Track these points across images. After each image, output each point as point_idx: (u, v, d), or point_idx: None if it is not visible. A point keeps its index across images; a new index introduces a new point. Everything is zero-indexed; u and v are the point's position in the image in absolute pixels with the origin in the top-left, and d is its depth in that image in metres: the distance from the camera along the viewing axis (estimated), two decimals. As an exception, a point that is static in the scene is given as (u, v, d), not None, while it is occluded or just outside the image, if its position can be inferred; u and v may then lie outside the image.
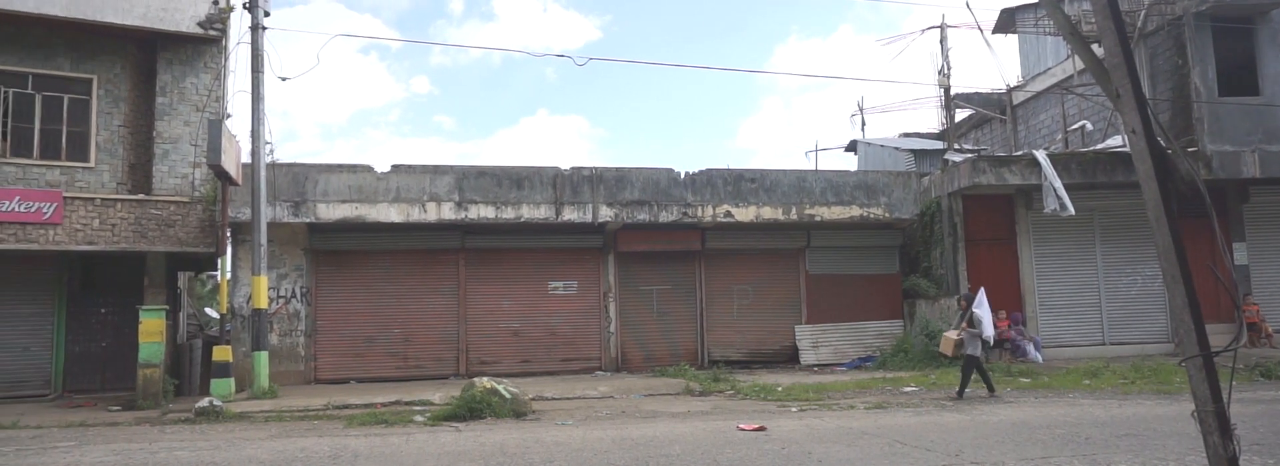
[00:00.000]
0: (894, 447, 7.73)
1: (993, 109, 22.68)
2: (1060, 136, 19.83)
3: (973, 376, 11.60)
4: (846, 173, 18.07)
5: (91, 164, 14.06)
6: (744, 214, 16.35)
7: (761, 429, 8.92)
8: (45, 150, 13.90)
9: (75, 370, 14.38)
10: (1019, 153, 17.42)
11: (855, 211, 16.78)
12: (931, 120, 39.83)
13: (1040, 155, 15.90)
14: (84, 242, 13.17)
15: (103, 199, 13.45)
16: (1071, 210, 15.33)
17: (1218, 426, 3.78)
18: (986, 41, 20.24)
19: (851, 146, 26.76)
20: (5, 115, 13.67)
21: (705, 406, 11.41)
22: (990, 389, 11.76)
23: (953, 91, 21.12)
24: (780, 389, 12.80)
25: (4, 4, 13.04)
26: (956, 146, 20.44)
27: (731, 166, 16.96)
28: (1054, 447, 7.54)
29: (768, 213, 16.43)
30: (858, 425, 9.22)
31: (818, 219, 16.65)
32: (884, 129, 56.86)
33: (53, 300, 14.39)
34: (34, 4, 13.24)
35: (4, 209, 12.71)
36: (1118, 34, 4.06)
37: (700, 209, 16.17)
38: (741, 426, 9.11)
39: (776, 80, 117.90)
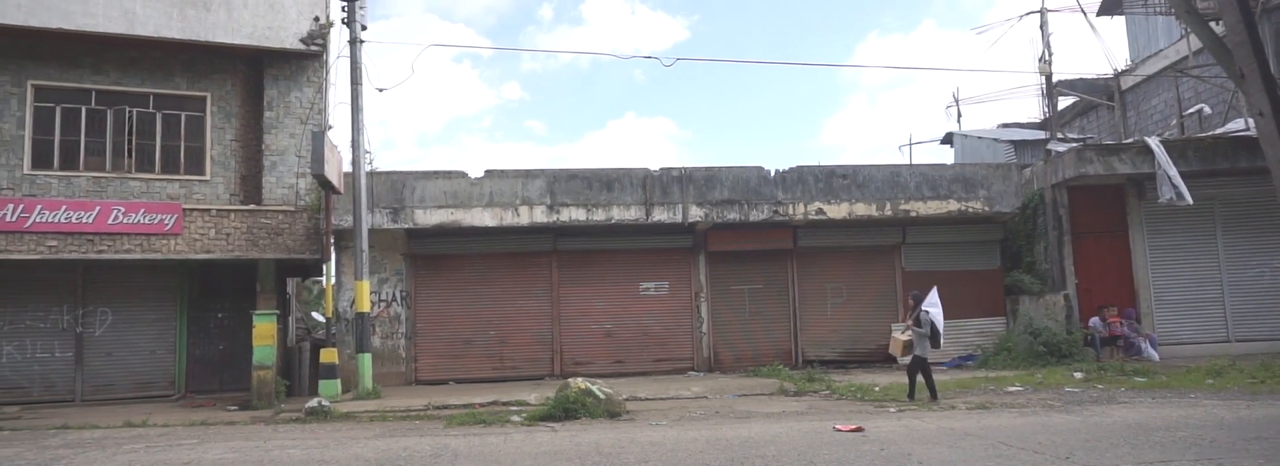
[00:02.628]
0: (999, 449, 7.45)
1: (1098, 95, 21.63)
2: (1174, 121, 18.78)
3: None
4: (942, 166, 17.52)
5: (207, 177, 14.87)
6: (836, 211, 16.05)
7: (859, 429, 8.74)
8: (165, 165, 14.77)
9: (196, 371, 15.21)
10: (1129, 140, 16.58)
11: (952, 206, 16.27)
12: (1032, 109, 38.22)
13: (1152, 142, 15.09)
14: (202, 251, 13.93)
15: (218, 210, 14.20)
16: (1189, 199, 14.50)
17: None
18: (1091, 24, 19.29)
19: (947, 139, 25.93)
20: (130, 133, 14.59)
21: (800, 406, 11.26)
22: (933, 394, 11.29)
23: (1054, 79, 20.21)
24: (877, 389, 12.52)
25: (127, 29, 13.94)
26: (1060, 136, 19.54)
27: (822, 163, 16.68)
28: (1175, 451, 7.12)
29: (861, 209, 16.09)
30: (960, 426, 8.93)
31: (913, 214, 16.21)
32: (980, 120, 55.01)
33: (175, 306, 15.26)
34: (153, 27, 14.10)
35: (131, 221, 13.56)
36: (1240, 10, 3.81)
37: (791, 207, 15.96)
38: (838, 427, 8.94)
39: (860, 78, 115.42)
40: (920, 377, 11.42)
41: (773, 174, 16.12)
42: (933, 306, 11.42)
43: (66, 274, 14.61)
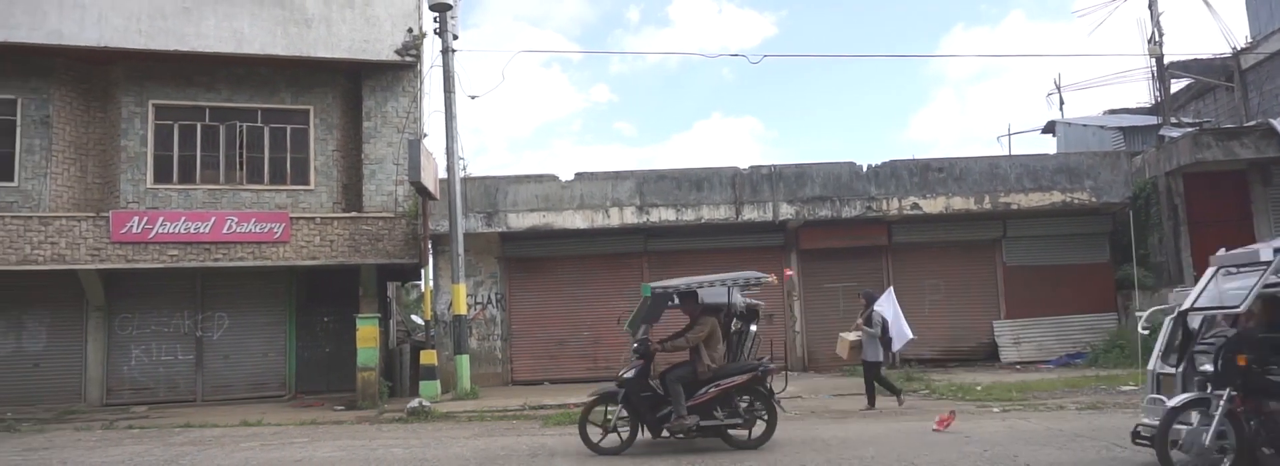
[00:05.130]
0: (1111, 452, 7.10)
1: (1215, 76, 20.36)
2: (1302, 102, 17.52)
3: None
4: (1044, 156, 16.83)
5: (311, 186, 15.53)
6: (932, 205, 15.61)
7: (948, 418, 8.51)
8: (273, 176, 15.51)
9: (305, 373, 15.88)
10: (1251, 123, 15.56)
11: (1056, 197, 15.61)
12: (1140, 94, 36.39)
13: (1278, 124, 14.12)
14: (308, 258, 14.55)
15: (322, 218, 14.81)
16: (1320, 184, 13.51)
17: None
18: (1206, 1, 18.20)
19: (1048, 128, 24.87)
20: (241, 147, 15.38)
21: (898, 406, 10.98)
22: (897, 395, 10.74)
23: (1166, 60, 19.13)
24: (979, 388, 12.11)
25: (236, 48, 14.71)
26: (1173, 120, 18.50)
27: (914, 157, 16.26)
28: (1310, 454, 6.63)
29: (958, 203, 15.61)
30: (1068, 427, 8.55)
31: (1014, 207, 15.63)
32: (1083, 108, 52.55)
33: (284, 311, 15.97)
34: (259, 46, 14.84)
35: (243, 230, 14.28)
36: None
37: (885, 202, 15.61)
38: (938, 427, 8.69)
39: (947, 71, 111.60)
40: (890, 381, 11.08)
41: (865, 169, 15.79)
42: (886, 306, 10.86)
43: (187, 281, 15.46)
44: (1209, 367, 5.62)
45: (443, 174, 14.69)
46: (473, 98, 17.50)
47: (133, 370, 15.27)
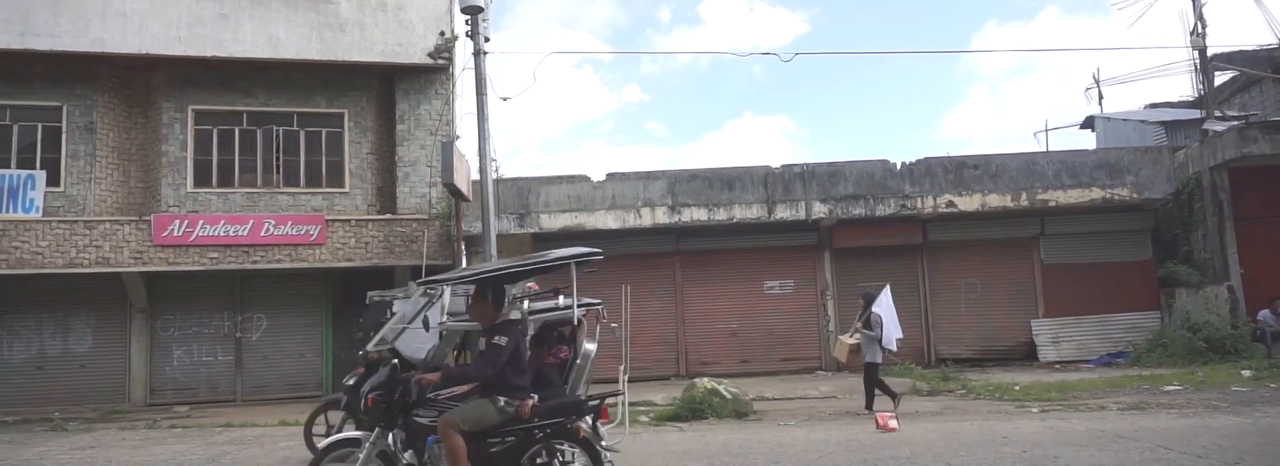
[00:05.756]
0: (1156, 453, 6.95)
1: (1261, 68, 19.84)
2: (1352, 94, 17.04)
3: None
4: (1083, 152, 16.55)
5: (346, 189, 15.72)
6: (968, 203, 15.41)
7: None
8: (309, 179, 15.72)
9: (341, 373, 15.96)
10: (1298, 116, 15.17)
11: (1095, 194, 15.33)
12: (1183, 87, 35.60)
13: (1326, 117, 13.75)
14: (344, 260, 14.73)
15: (357, 220, 14.99)
16: (1372, 178, 13.13)
17: None
18: (1248, -7, 17.76)
19: (1087, 123, 24.44)
20: (277, 150, 15.61)
21: (934, 406, 10.86)
22: (893, 398, 10.30)
23: (1209, 52, 18.69)
24: (1017, 388, 11.93)
25: (272, 53, 14.95)
26: (1218, 114, 18.09)
27: (949, 154, 16.06)
28: (1364, 456, 6.45)
29: (994, 200, 15.39)
30: (1111, 427, 8.39)
31: (1052, 204, 15.38)
32: (1122, 103, 51.55)
33: (321, 312, 16.15)
34: (295, 50, 15.06)
35: (281, 232, 14.49)
36: None
37: (919, 200, 15.44)
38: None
39: (980, 68, 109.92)
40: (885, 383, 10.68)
41: (898, 167, 15.64)
42: (883, 307, 10.59)
43: (226, 283, 15.72)
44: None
45: (475, 175, 14.75)
46: (505, 99, 17.47)
47: (175, 371, 15.55)
